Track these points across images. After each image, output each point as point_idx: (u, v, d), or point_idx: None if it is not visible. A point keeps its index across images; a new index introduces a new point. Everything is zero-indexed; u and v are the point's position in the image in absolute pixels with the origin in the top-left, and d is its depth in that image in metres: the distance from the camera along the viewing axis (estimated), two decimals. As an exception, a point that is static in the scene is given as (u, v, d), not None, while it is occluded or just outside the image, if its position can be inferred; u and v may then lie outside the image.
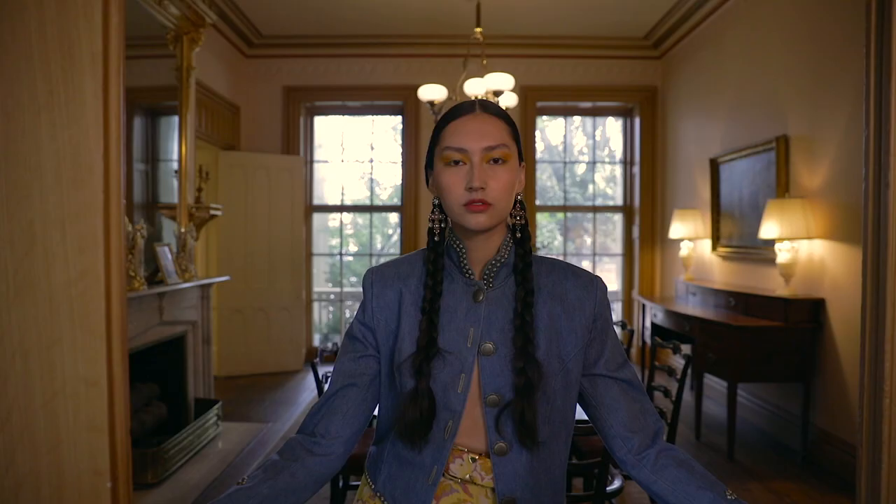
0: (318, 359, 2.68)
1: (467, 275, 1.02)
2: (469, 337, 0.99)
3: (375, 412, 1.11)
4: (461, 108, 1.00)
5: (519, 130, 5.06)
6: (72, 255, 0.72)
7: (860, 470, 0.79)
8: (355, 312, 1.08)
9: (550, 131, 7.25)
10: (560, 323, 1.00)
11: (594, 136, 7.22)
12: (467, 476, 0.99)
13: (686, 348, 4.90)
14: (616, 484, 1.86)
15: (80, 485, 0.73)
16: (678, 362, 5.33)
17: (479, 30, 4.15)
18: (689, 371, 4.99)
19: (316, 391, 5.61)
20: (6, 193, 0.71)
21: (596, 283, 1.04)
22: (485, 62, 4.26)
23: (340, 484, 2.80)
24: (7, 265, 0.71)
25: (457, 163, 0.97)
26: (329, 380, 1.11)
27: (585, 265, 6.96)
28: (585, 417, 2.33)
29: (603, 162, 7.28)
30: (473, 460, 0.99)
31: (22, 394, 0.72)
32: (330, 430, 1.01)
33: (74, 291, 0.72)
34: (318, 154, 7.01)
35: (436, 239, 1.02)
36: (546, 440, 0.98)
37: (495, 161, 0.97)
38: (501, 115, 1.01)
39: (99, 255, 0.72)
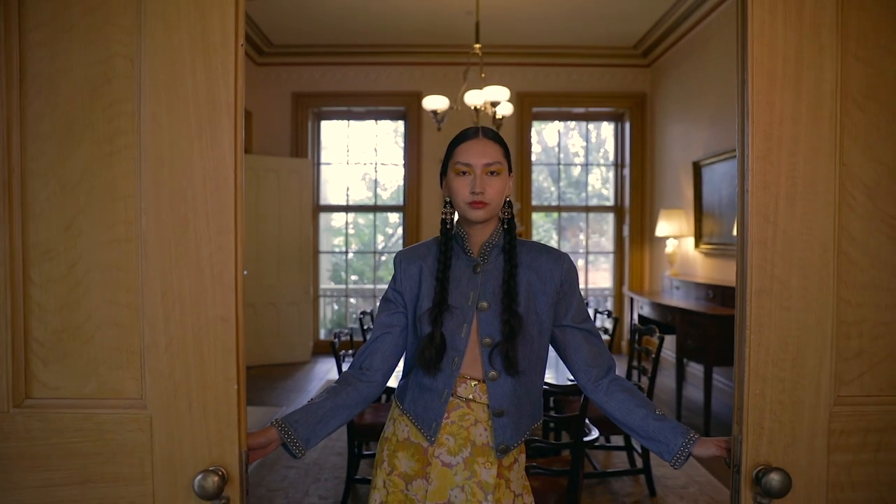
0: (337, 340, 3.08)
1: (468, 253, 1.41)
2: (470, 297, 1.38)
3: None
4: (468, 134, 1.40)
5: (516, 134, 5.52)
6: (213, 236, 1.09)
7: (736, 381, 1.16)
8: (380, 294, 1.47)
9: (547, 133, 7.62)
10: (535, 287, 1.39)
11: (588, 139, 7.59)
12: (470, 396, 1.38)
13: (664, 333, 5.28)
14: (593, 434, 2.23)
15: (217, 387, 1.10)
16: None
17: (478, 46, 4.51)
18: (673, 358, 5.37)
19: (322, 380, 6.00)
20: (170, 195, 1.08)
21: (563, 258, 1.42)
22: (483, 75, 4.62)
23: (356, 451, 3.18)
24: (170, 243, 1.08)
25: (464, 173, 1.36)
26: (371, 332, 1.50)
27: (579, 264, 7.33)
28: (567, 383, 2.72)
29: (598, 164, 7.64)
30: (474, 385, 1.38)
31: (180, 328, 1.09)
32: (373, 364, 1.40)
33: (214, 260, 1.09)
34: (323, 156, 7.37)
35: (447, 227, 1.42)
36: (525, 370, 1.36)
37: (492, 173, 1.36)
38: (497, 139, 1.40)
39: (231, 237, 1.09)
